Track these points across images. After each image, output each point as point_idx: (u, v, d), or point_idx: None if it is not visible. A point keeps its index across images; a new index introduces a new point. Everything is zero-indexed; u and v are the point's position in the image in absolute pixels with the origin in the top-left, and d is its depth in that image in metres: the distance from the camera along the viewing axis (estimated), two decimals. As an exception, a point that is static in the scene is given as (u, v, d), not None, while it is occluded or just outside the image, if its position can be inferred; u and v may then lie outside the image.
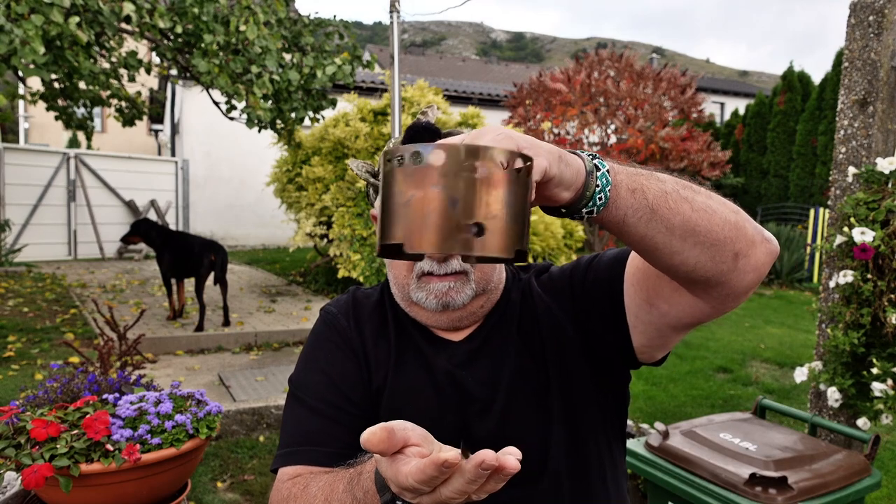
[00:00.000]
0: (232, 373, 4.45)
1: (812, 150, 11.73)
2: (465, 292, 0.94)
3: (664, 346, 0.96)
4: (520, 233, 0.57)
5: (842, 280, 2.34)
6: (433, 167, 0.54)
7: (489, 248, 0.55)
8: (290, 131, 7.04)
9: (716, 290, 0.79)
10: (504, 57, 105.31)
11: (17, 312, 5.86)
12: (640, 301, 0.91)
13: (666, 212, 0.70)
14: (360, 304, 1.08)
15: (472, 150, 0.55)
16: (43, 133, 22.43)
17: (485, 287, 0.97)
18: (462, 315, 0.98)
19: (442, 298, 0.94)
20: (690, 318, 0.87)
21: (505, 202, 0.55)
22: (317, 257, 8.92)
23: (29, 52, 4.08)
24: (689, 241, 0.73)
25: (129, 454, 1.58)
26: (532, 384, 0.97)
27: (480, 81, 21.25)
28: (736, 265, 0.76)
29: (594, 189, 0.66)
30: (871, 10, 2.49)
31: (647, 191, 0.70)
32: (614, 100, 12.42)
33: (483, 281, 0.96)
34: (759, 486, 1.68)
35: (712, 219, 0.73)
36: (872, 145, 2.49)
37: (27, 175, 9.91)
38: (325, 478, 0.86)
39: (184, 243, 5.62)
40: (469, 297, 0.95)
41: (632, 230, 0.71)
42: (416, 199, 0.55)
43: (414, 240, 0.55)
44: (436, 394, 0.98)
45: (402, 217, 0.55)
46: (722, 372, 4.92)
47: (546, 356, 0.98)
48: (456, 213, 0.54)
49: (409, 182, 0.55)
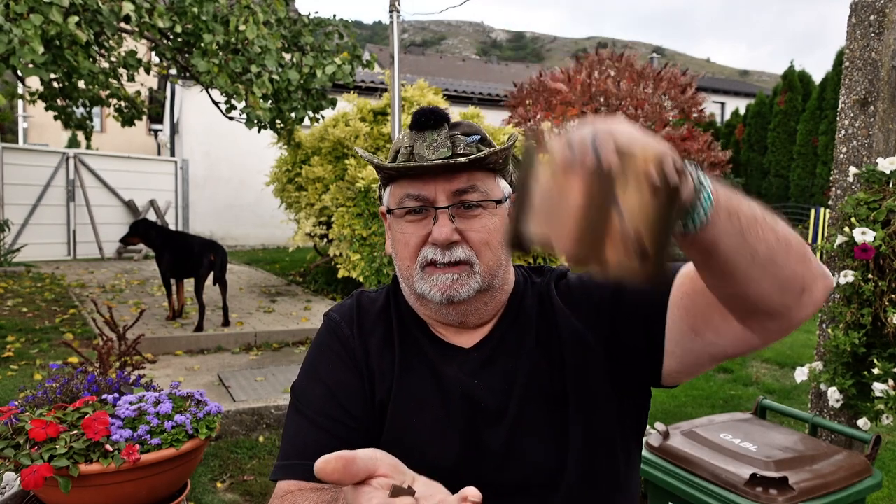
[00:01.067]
0: (231, 373, 4.45)
1: (813, 150, 11.73)
2: (469, 285, 0.93)
3: (694, 374, 0.94)
4: (669, 258, 0.51)
5: (843, 280, 2.34)
6: (608, 171, 0.49)
7: (644, 276, 0.50)
8: (290, 131, 7.03)
9: (774, 322, 0.77)
10: (504, 57, 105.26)
11: (16, 312, 5.85)
12: (685, 328, 0.87)
13: (754, 239, 0.68)
14: (364, 310, 1.05)
15: (657, 158, 0.49)
16: (42, 133, 22.42)
17: (490, 283, 0.95)
18: (468, 309, 0.96)
19: (446, 292, 0.92)
20: (736, 349, 0.85)
21: (668, 225, 0.50)
22: (316, 257, 8.91)
23: (28, 51, 4.07)
24: (769, 272, 0.70)
25: (129, 454, 1.57)
26: (547, 394, 0.95)
27: (480, 81, 21.25)
28: (800, 300, 0.75)
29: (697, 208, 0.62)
30: (872, 10, 2.49)
31: (741, 214, 0.67)
32: (615, 99, 12.41)
33: (488, 275, 0.94)
34: (760, 487, 1.67)
35: (790, 250, 0.71)
36: (873, 145, 2.48)
37: (26, 175, 9.91)
38: (311, 496, 0.86)
39: (183, 243, 5.62)
40: (474, 289, 0.93)
41: (719, 255, 0.68)
42: (577, 202, 0.49)
43: (568, 246, 0.49)
44: (445, 404, 0.95)
45: (556, 217, 0.50)
46: (722, 372, 4.92)
47: (564, 367, 0.96)
48: (625, 230, 0.48)
49: (575, 181, 0.49)
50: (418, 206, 0.93)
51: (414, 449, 0.93)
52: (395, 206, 0.95)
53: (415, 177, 0.92)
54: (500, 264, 0.96)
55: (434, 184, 0.91)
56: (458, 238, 0.92)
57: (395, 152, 0.95)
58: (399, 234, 0.96)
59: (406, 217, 0.94)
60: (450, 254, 0.92)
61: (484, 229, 0.93)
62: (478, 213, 0.93)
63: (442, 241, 0.91)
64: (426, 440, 0.94)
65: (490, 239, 0.93)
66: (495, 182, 0.96)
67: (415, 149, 0.92)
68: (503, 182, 0.98)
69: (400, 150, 0.94)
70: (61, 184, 10.42)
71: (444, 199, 0.92)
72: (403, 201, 0.94)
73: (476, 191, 0.92)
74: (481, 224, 0.93)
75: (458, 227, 0.92)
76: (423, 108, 0.93)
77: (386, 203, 0.98)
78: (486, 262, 0.94)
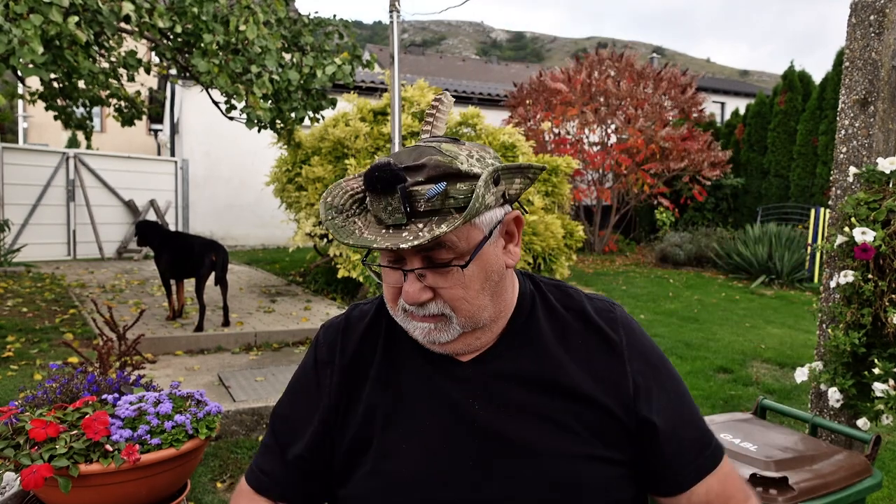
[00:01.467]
0: (231, 373, 4.44)
1: (813, 150, 11.73)
2: (448, 332, 0.90)
3: None
4: None
5: (842, 280, 2.34)
6: None
7: None
8: (290, 131, 7.03)
9: None
10: (504, 57, 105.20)
11: (16, 312, 5.85)
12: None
13: None
14: (351, 329, 1.04)
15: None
16: (42, 133, 22.42)
17: (474, 325, 0.92)
18: (457, 347, 0.93)
19: (427, 336, 0.91)
20: None
21: None
22: (316, 257, 8.91)
23: (28, 51, 4.07)
24: None
25: (129, 454, 1.57)
26: (541, 414, 0.93)
27: (480, 81, 21.25)
28: None
29: None
30: (872, 10, 2.49)
31: None
32: (615, 99, 12.41)
33: (470, 322, 0.91)
34: (760, 487, 1.67)
35: None
36: (873, 145, 2.48)
37: (26, 175, 9.91)
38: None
39: (183, 243, 5.62)
40: (455, 335, 0.91)
41: None
42: None
43: None
44: (440, 426, 0.94)
45: None
46: (722, 372, 4.91)
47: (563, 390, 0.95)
48: None
49: None
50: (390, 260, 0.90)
51: (398, 459, 0.93)
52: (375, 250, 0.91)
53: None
54: (484, 307, 0.91)
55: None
56: (429, 296, 0.88)
57: (361, 190, 0.91)
58: (382, 275, 0.93)
59: (384, 261, 0.92)
60: (423, 310, 0.90)
61: (458, 285, 0.88)
62: (450, 270, 0.87)
63: (410, 302, 0.88)
64: (411, 450, 0.94)
65: (466, 294, 0.89)
66: (471, 224, 0.87)
67: (371, 208, 0.86)
68: (487, 215, 0.89)
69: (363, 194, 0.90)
70: (61, 184, 10.42)
71: (413, 257, 0.87)
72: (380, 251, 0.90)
73: (443, 247, 0.86)
74: (455, 280, 0.88)
75: (430, 284, 0.88)
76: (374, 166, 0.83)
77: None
78: (465, 313, 0.90)
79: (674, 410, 0.99)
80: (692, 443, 0.98)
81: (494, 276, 0.92)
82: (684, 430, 0.98)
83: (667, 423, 0.97)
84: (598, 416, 0.94)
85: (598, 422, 0.94)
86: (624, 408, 0.95)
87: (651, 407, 0.96)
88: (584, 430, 0.93)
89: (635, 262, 11.68)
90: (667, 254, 11.19)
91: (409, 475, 0.92)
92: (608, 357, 0.97)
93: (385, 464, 0.94)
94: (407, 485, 0.92)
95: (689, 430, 0.99)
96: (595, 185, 12.58)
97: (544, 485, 0.90)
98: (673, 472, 0.97)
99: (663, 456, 0.96)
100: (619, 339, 0.99)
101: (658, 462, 0.96)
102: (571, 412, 0.93)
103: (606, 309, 1.03)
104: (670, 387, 1.00)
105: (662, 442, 0.96)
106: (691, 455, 0.97)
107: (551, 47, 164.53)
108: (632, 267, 11.05)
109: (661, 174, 12.31)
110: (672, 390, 1.00)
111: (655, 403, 0.97)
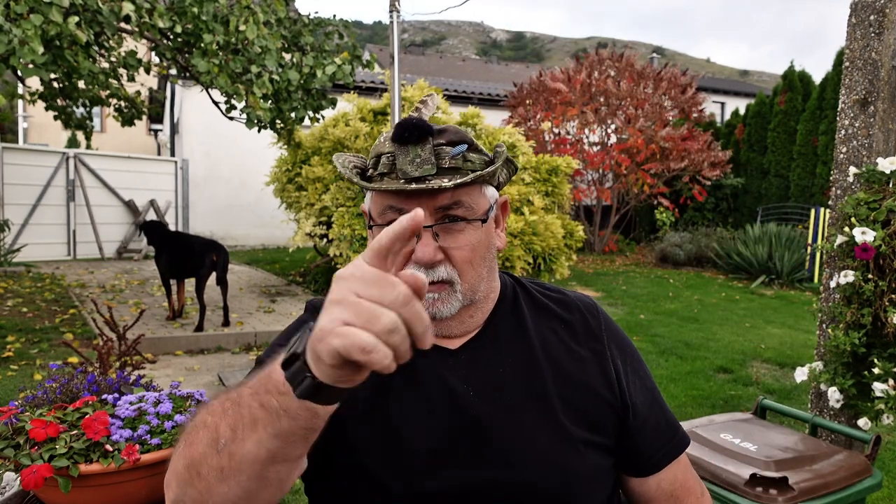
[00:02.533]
0: (232, 373, 4.45)
1: (813, 150, 11.73)
2: (451, 303, 0.92)
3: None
4: None
5: (843, 280, 2.34)
6: None
7: None
8: (290, 131, 7.03)
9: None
10: (504, 57, 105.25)
11: (16, 312, 5.85)
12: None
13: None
14: None
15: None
16: (42, 133, 22.42)
17: (472, 298, 0.95)
18: (451, 324, 0.96)
19: (429, 309, 0.91)
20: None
21: None
22: (317, 257, 8.91)
23: (28, 51, 4.07)
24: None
25: (129, 454, 1.57)
26: (531, 396, 0.95)
27: (480, 81, 21.25)
28: None
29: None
30: (872, 10, 2.49)
31: None
32: (615, 99, 12.41)
33: (470, 292, 0.94)
34: (760, 487, 1.67)
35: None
36: (873, 145, 2.48)
37: (26, 175, 9.91)
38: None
39: (183, 243, 5.62)
40: (456, 307, 0.93)
41: None
42: None
43: None
44: (430, 408, 0.93)
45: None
46: (722, 372, 4.91)
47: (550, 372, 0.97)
48: None
49: None
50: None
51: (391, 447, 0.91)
52: (378, 217, 0.93)
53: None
54: (482, 278, 0.96)
55: (417, 199, 0.89)
56: (441, 257, 0.91)
57: (375, 157, 0.93)
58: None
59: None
60: (432, 273, 0.90)
61: (468, 246, 0.92)
62: (461, 227, 0.91)
63: (425, 261, 0.89)
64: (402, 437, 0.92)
65: (473, 257, 0.93)
66: (481, 193, 0.94)
67: (397, 162, 0.89)
68: (490, 190, 0.96)
69: (381, 159, 0.91)
70: (61, 184, 10.42)
71: (428, 215, 0.89)
72: (386, 213, 0.91)
73: (461, 206, 0.90)
74: (465, 240, 0.91)
75: (441, 244, 0.90)
76: (406, 120, 0.88)
77: (367, 207, 0.97)
78: (468, 279, 0.93)
79: (647, 394, 1.04)
80: (665, 426, 1.05)
81: (491, 250, 0.98)
82: (658, 414, 1.05)
83: (643, 405, 1.02)
84: (588, 398, 0.97)
85: (588, 405, 0.97)
86: (609, 389, 0.99)
87: (630, 389, 1.01)
88: (575, 414, 0.96)
89: (635, 262, 11.68)
90: (667, 254, 11.19)
91: (400, 463, 0.91)
92: (591, 341, 1.02)
93: (375, 452, 0.92)
94: (398, 471, 0.91)
95: (661, 415, 1.06)
96: (595, 185, 12.58)
97: (538, 470, 0.91)
98: (648, 453, 1.02)
99: (641, 437, 1.01)
100: (599, 323, 1.05)
101: (636, 443, 1.01)
102: (563, 396, 0.96)
103: (583, 297, 1.10)
104: (643, 373, 1.07)
105: (641, 423, 1.01)
106: (665, 438, 1.04)
107: (551, 47, 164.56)
108: (632, 267, 11.05)
109: (661, 174, 12.31)
110: (645, 377, 1.07)
111: (633, 387, 1.02)
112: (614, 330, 1.07)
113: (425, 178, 0.87)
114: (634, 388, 1.02)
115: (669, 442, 1.05)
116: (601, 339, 1.03)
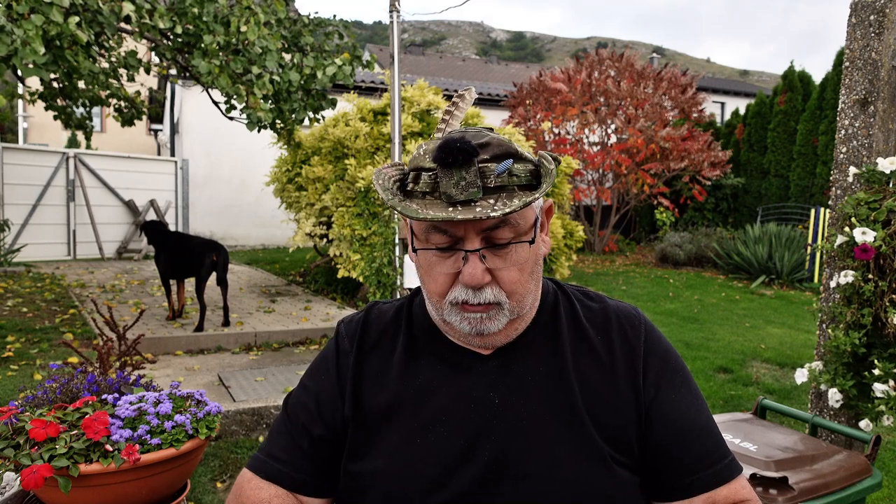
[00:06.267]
0: (231, 373, 4.44)
1: (813, 150, 11.73)
2: (498, 320, 0.91)
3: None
4: None
5: (843, 280, 2.34)
6: None
7: None
8: (290, 131, 7.03)
9: None
10: (504, 57, 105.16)
11: (16, 312, 5.85)
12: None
13: None
14: (370, 325, 1.05)
15: None
16: (42, 133, 22.43)
17: (518, 312, 0.93)
18: (497, 338, 0.95)
19: (476, 326, 0.91)
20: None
21: None
22: (316, 257, 8.91)
23: (29, 52, 4.07)
24: None
25: (129, 454, 1.57)
26: (560, 407, 0.94)
27: (480, 81, 21.25)
28: None
29: None
30: (872, 10, 2.49)
31: None
32: (615, 99, 12.41)
33: (518, 307, 0.93)
34: (760, 487, 1.67)
35: None
36: (873, 145, 2.48)
37: (26, 175, 9.91)
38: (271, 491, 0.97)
39: (184, 243, 5.62)
40: (503, 323, 0.92)
41: None
42: None
43: None
44: (460, 418, 0.94)
45: None
46: (722, 372, 4.91)
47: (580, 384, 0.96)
48: None
49: None
50: (442, 247, 0.89)
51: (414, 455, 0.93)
52: (422, 239, 0.91)
53: None
54: (529, 292, 0.94)
55: (463, 223, 0.86)
56: (488, 280, 0.89)
57: (415, 170, 0.88)
58: (426, 265, 0.93)
59: (433, 251, 0.90)
60: (480, 295, 0.89)
61: (515, 266, 0.90)
62: (509, 249, 0.89)
63: (473, 285, 0.88)
64: (430, 446, 0.94)
65: (521, 276, 0.91)
66: (530, 205, 0.90)
67: (440, 184, 0.84)
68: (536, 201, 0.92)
69: (422, 175, 0.87)
70: (61, 184, 10.42)
71: (475, 237, 0.87)
72: (430, 236, 0.89)
73: (508, 225, 0.88)
74: (513, 260, 0.90)
75: (489, 266, 0.89)
76: (449, 141, 0.83)
77: (409, 225, 0.94)
78: (517, 299, 0.92)
79: (684, 413, 0.98)
80: (703, 451, 0.96)
81: (539, 262, 0.95)
82: (695, 436, 0.97)
83: (673, 423, 0.96)
84: (616, 414, 0.95)
85: (614, 420, 0.94)
86: (636, 404, 0.96)
87: (660, 405, 0.96)
88: (601, 428, 0.94)
89: (635, 262, 11.68)
90: (667, 254, 11.19)
91: (423, 468, 0.92)
92: (628, 354, 0.98)
93: (399, 456, 0.94)
94: (421, 476, 0.92)
95: (700, 437, 0.97)
96: (595, 185, 12.58)
97: (558, 484, 0.91)
98: (674, 476, 0.95)
99: (666, 457, 0.95)
100: (639, 335, 1.01)
101: (656, 463, 0.96)
102: (590, 409, 0.94)
103: (625, 307, 1.05)
104: (685, 390, 1.00)
105: (667, 443, 0.95)
106: (700, 465, 0.95)
107: (551, 47, 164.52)
108: (632, 267, 11.05)
109: (661, 174, 12.31)
110: (687, 394, 0.99)
111: (666, 404, 0.97)
112: (655, 342, 1.01)
113: (471, 202, 0.84)
114: (667, 405, 0.97)
115: (709, 469, 0.95)
116: (638, 352, 0.99)
